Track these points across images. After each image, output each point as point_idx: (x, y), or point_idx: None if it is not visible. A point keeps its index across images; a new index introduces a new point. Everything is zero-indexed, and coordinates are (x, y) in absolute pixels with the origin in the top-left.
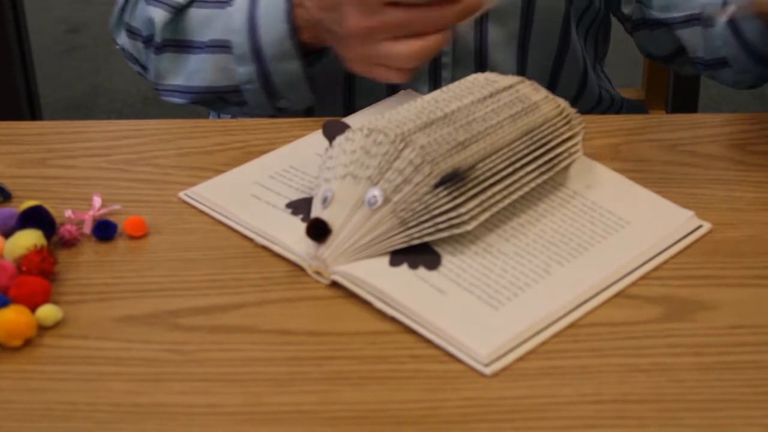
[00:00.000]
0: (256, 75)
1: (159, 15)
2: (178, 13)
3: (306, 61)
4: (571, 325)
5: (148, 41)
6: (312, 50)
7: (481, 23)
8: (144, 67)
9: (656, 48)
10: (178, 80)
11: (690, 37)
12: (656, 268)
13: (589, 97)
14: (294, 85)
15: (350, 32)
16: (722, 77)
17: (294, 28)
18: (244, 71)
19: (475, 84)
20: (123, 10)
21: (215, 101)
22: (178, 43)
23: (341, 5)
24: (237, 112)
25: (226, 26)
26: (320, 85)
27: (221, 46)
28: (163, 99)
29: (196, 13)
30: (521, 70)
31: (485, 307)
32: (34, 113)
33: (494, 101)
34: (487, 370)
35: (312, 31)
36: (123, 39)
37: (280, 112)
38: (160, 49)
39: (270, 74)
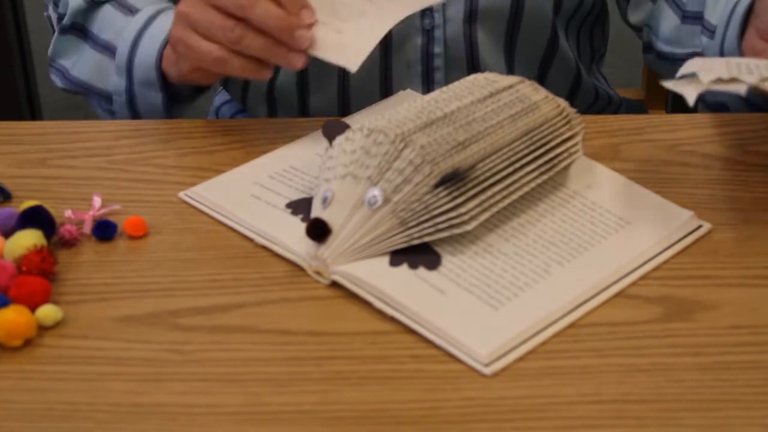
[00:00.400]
0: (125, 90)
1: (75, 1)
2: (93, 4)
3: (168, 94)
4: (571, 325)
5: (60, 19)
6: (181, 86)
7: (471, 25)
8: None
9: (664, 74)
10: (66, 63)
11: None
12: (656, 268)
13: (584, 97)
14: (154, 113)
15: (176, 14)
16: (715, 97)
17: (160, 58)
18: (117, 81)
19: (475, 84)
20: None
21: (89, 98)
22: (81, 29)
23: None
24: (106, 115)
25: (120, 32)
26: (314, 85)
27: (109, 49)
28: (50, 77)
29: (107, 11)
30: (510, 72)
31: (485, 307)
32: (34, 113)
33: (494, 101)
34: (487, 370)
35: (173, 66)
36: (50, 10)
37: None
38: (66, 30)
39: (135, 95)
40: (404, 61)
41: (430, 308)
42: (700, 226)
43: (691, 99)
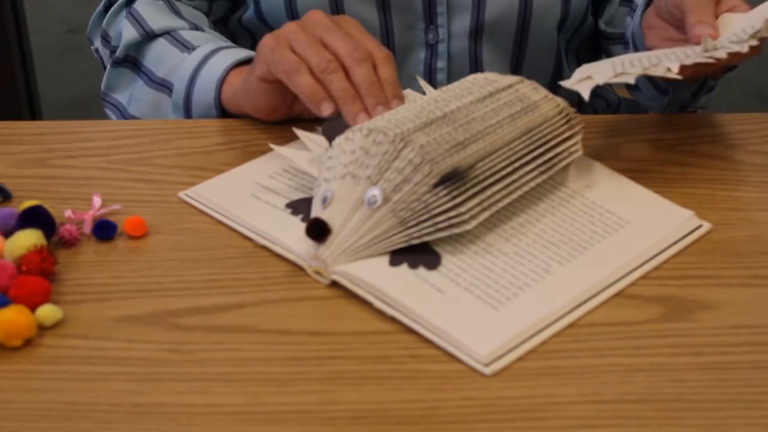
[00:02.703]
0: None
1: (129, 34)
2: (147, 38)
3: None
4: (571, 325)
5: (113, 51)
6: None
7: (476, 41)
8: None
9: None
10: (122, 98)
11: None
12: (656, 268)
13: (588, 108)
14: None
15: (261, 45)
16: (638, 100)
17: (219, 97)
18: (174, 118)
19: (475, 84)
20: (102, 13)
21: None
22: (135, 62)
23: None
24: None
25: (176, 70)
26: None
27: (165, 86)
28: (105, 110)
29: (161, 45)
30: None
31: (485, 307)
32: (34, 113)
33: (494, 101)
34: (487, 370)
35: (234, 104)
36: (99, 44)
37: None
38: (119, 63)
39: None
40: (407, 74)
41: (430, 308)
42: (700, 226)
43: (585, 95)
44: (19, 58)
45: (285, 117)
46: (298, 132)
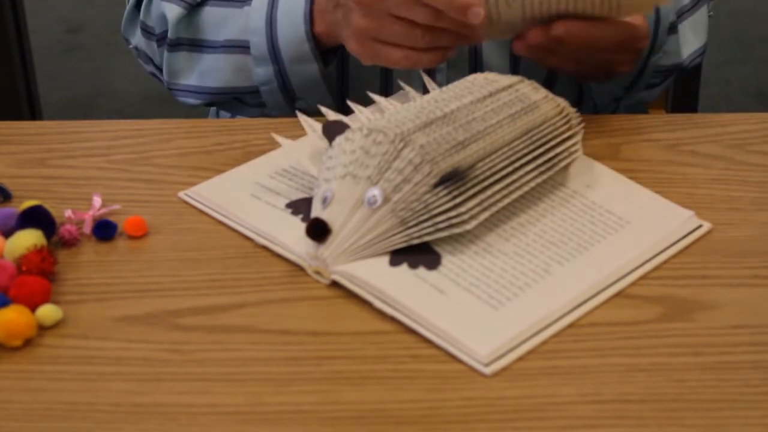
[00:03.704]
0: (275, 76)
1: (172, 11)
2: (192, 9)
3: (323, 61)
4: (571, 325)
5: (161, 39)
6: (328, 49)
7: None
8: (158, 68)
9: None
10: (191, 80)
11: None
12: (656, 268)
13: (588, 104)
14: (312, 86)
15: (353, 30)
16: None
17: (312, 30)
18: (262, 72)
19: (475, 84)
20: (136, 8)
21: (230, 102)
22: (192, 42)
23: (350, 5)
24: (256, 113)
25: (243, 26)
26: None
27: (238, 46)
28: (178, 99)
29: (211, 12)
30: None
31: (485, 307)
32: (34, 113)
33: (494, 101)
34: (487, 370)
35: (327, 30)
36: (137, 38)
37: (298, 112)
38: (174, 46)
39: (288, 75)
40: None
41: (430, 308)
42: (700, 226)
43: None
44: (19, 58)
45: None
46: (301, 117)
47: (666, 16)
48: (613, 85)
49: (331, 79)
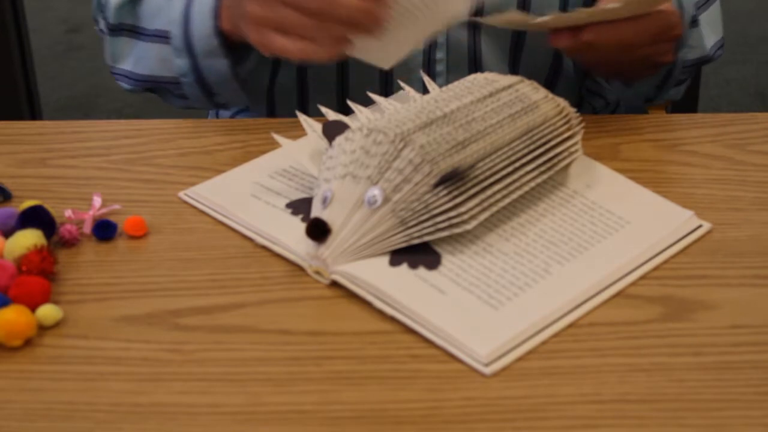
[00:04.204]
0: (190, 69)
1: None
2: None
3: (233, 59)
4: (571, 325)
5: (107, 22)
6: (240, 46)
7: (474, 32)
8: None
9: None
10: (127, 65)
11: None
12: (656, 268)
13: (587, 104)
14: (224, 82)
15: (248, 19)
16: (608, 94)
17: (219, 25)
18: (180, 63)
19: (475, 83)
20: None
21: (159, 91)
22: (131, 28)
23: None
24: (181, 105)
25: (168, 17)
26: (314, 86)
27: (163, 36)
28: (116, 81)
29: (149, 1)
30: None
31: (485, 307)
32: (34, 113)
33: (494, 101)
34: (487, 370)
35: (231, 26)
36: (101, 22)
37: (222, 108)
38: (115, 31)
39: (201, 69)
40: (405, 65)
41: (430, 308)
42: (700, 226)
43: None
44: (19, 58)
45: None
46: (301, 117)
47: (687, 11)
48: (645, 85)
49: (246, 80)
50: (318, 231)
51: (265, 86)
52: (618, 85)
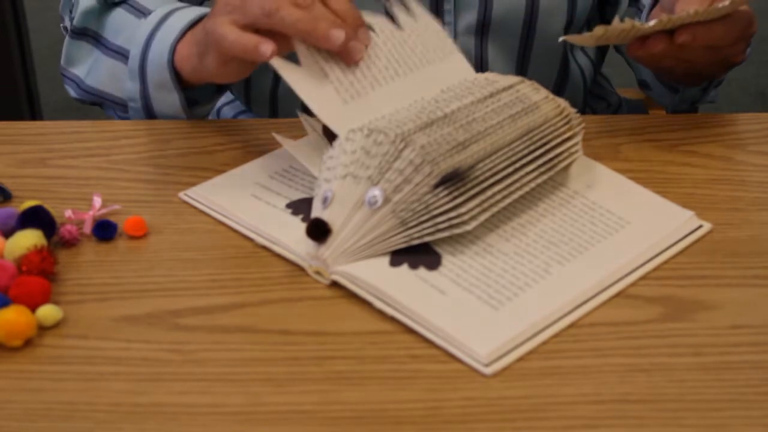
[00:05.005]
0: (140, 95)
1: (86, 1)
2: (106, 6)
3: (185, 94)
4: (572, 325)
5: (71, 23)
6: (197, 86)
7: (482, 40)
8: None
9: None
10: (80, 71)
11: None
12: (656, 268)
13: (591, 104)
14: (173, 114)
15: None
16: (651, 97)
17: (172, 60)
18: (131, 87)
19: (476, 84)
20: None
21: (103, 105)
22: (95, 36)
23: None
24: (122, 118)
25: (132, 35)
26: None
27: (122, 54)
28: (64, 85)
29: (119, 14)
30: None
31: (485, 307)
32: (34, 113)
33: (494, 101)
34: (487, 370)
35: (189, 65)
36: (66, 20)
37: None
38: (77, 34)
39: (150, 99)
40: None
41: (430, 308)
42: (700, 226)
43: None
44: (19, 58)
45: (246, 76)
46: (302, 117)
47: None
48: (693, 90)
49: (261, 84)
50: (318, 231)
51: (268, 89)
52: (664, 92)
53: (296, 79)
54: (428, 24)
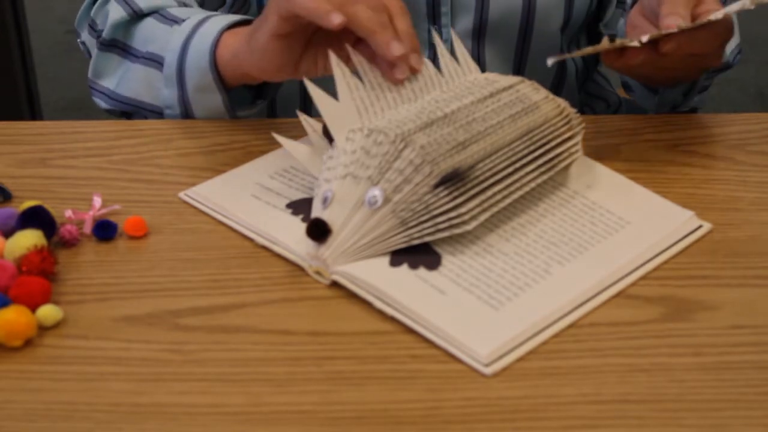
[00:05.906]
0: (177, 101)
1: (115, 13)
2: (135, 18)
3: (229, 94)
4: (572, 325)
5: (99, 36)
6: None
7: (479, 42)
8: None
9: None
10: (110, 83)
11: None
12: (656, 268)
13: (591, 104)
14: (215, 116)
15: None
16: (633, 99)
17: (214, 61)
18: (167, 94)
19: (476, 84)
20: (91, 4)
21: (137, 115)
22: (124, 47)
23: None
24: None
25: (165, 42)
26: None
27: (155, 61)
28: (93, 99)
29: (149, 24)
30: None
31: (485, 307)
32: (34, 113)
33: (494, 101)
34: (487, 370)
35: (232, 65)
36: (85, 35)
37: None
38: (106, 46)
39: (190, 103)
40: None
41: (430, 308)
42: (700, 226)
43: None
44: (19, 58)
45: (290, 77)
46: (302, 117)
47: None
48: (672, 93)
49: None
50: (318, 231)
51: None
52: (645, 94)
53: (321, 95)
54: (474, 76)
